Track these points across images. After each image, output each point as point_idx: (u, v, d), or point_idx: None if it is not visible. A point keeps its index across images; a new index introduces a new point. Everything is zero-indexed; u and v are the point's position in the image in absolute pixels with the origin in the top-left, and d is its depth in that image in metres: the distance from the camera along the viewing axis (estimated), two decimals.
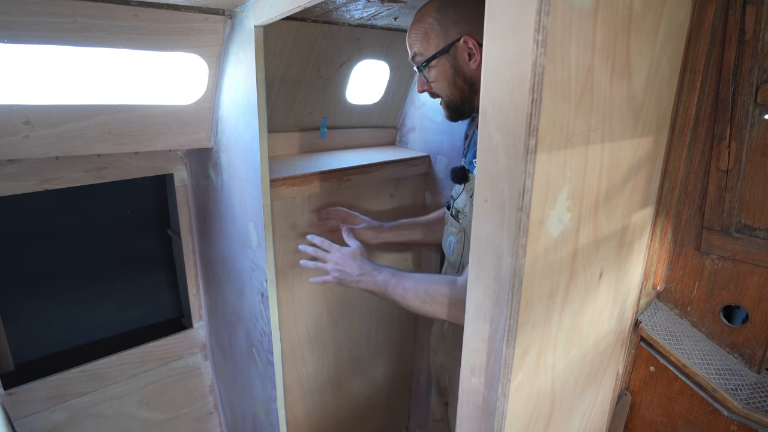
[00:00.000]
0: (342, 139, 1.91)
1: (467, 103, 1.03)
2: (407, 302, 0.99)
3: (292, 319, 1.61)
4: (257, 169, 1.15)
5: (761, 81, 0.93)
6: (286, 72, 1.51)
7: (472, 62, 0.97)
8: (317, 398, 1.78)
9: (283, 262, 1.51)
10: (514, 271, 0.57)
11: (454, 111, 1.05)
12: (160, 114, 1.31)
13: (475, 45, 0.95)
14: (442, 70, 1.00)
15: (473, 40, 0.95)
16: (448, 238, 1.17)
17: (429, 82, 1.04)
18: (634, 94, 0.75)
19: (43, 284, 1.60)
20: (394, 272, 1.04)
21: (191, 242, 1.77)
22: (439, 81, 1.02)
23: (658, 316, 1.14)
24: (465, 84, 1.00)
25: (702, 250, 1.07)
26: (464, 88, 1.01)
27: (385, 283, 1.03)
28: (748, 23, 0.92)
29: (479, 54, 0.95)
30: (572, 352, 0.82)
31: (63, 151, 1.21)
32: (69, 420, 1.53)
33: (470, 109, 1.05)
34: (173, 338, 1.77)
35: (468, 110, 1.06)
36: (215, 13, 1.15)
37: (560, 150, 0.58)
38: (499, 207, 0.57)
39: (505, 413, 0.64)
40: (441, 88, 1.03)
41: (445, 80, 1.01)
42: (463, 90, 1.01)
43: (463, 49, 0.97)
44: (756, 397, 0.98)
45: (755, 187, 0.98)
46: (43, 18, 0.95)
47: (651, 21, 0.73)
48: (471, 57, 0.97)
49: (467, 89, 1.01)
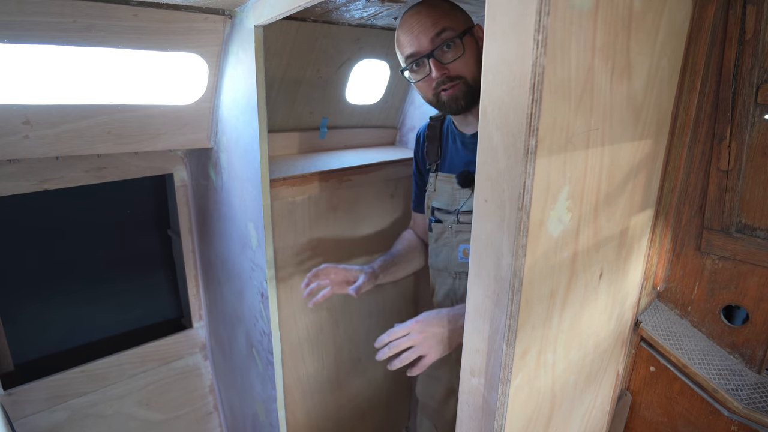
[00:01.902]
0: (342, 139, 1.91)
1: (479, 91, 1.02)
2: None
3: (292, 319, 1.61)
4: (257, 169, 1.15)
5: (761, 81, 0.93)
6: (286, 72, 1.51)
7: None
8: (317, 398, 1.78)
9: (283, 262, 1.51)
10: (514, 271, 0.57)
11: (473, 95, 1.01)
12: (160, 114, 1.31)
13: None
14: (470, 46, 0.99)
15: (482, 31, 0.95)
16: (459, 249, 1.14)
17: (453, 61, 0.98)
18: (634, 94, 0.75)
19: (43, 284, 1.60)
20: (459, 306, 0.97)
21: (191, 242, 1.77)
22: (467, 59, 0.98)
23: (659, 317, 1.14)
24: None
25: (702, 250, 1.07)
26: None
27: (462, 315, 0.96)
28: (748, 23, 0.91)
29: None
30: (572, 353, 0.82)
31: (63, 151, 1.21)
32: (69, 420, 1.53)
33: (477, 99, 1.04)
34: (173, 338, 1.77)
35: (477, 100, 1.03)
36: (215, 13, 1.15)
37: (560, 150, 0.58)
38: (499, 207, 0.57)
39: (505, 414, 0.64)
40: (470, 66, 0.99)
41: (474, 57, 0.99)
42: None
43: (479, 35, 1.00)
44: (756, 397, 0.98)
45: (755, 187, 0.98)
46: (43, 18, 0.95)
47: (651, 21, 0.73)
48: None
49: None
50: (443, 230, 1.17)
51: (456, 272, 1.17)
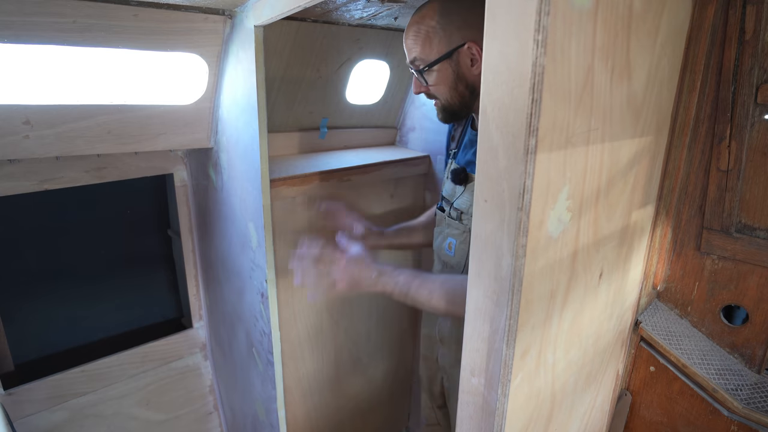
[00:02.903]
0: (342, 139, 1.91)
1: (465, 107, 1.02)
2: (432, 303, 0.95)
3: (292, 319, 1.61)
4: (257, 169, 1.15)
5: (761, 81, 0.93)
6: (286, 72, 1.51)
7: (474, 68, 0.96)
8: (317, 398, 1.78)
9: (283, 262, 1.51)
10: (514, 271, 0.57)
11: (450, 114, 1.04)
12: (159, 114, 1.31)
13: (479, 51, 0.93)
14: (444, 75, 0.98)
15: (477, 46, 0.93)
16: (446, 240, 1.15)
17: (428, 86, 1.01)
18: (634, 94, 0.75)
19: (43, 284, 1.60)
20: (415, 273, 0.99)
21: (191, 242, 1.77)
22: (439, 85, 0.99)
23: (658, 316, 1.14)
24: (466, 89, 0.99)
25: (702, 250, 1.07)
26: (465, 93, 0.99)
27: (407, 284, 0.98)
28: (748, 23, 0.92)
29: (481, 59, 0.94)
30: (572, 352, 0.82)
31: (63, 151, 1.21)
32: (69, 420, 1.53)
33: (467, 112, 1.04)
34: (173, 338, 1.77)
35: (465, 113, 1.05)
36: (215, 13, 1.15)
37: (560, 150, 0.58)
38: (499, 207, 0.57)
39: (505, 413, 0.64)
40: (441, 92, 1.01)
41: (446, 85, 0.99)
42: (464, 95, 1.00)
43: (466, 55, 0.95)
44: (756, 397, 0.98)
45: (755, 187, 0.98)
46: (43, 18, 0.95)
47: (651, 21, 0.73)
48: (473, 63, 0.95)
49: (468, 94, 0.99)
50: (441, 219, 1.18)
51: (443, 261, 1.18)
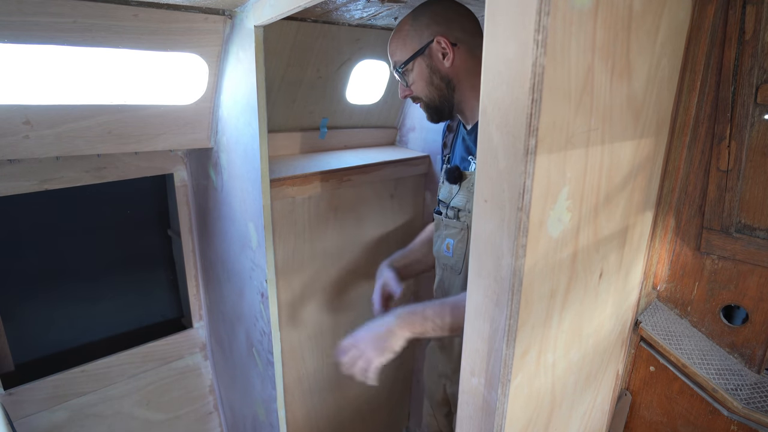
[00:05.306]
0: (342, 139, 1.91)
1: (446, 102, 1.08)
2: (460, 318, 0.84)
3: (292, 319, 1.61)
4: (257, 169, 1.15)
5: (761, 81, 0.93)
6: (286, 72, 1.51)
7: (446, 60, 1.03)
8: (317, 398, 1.78)
9: (283, 262, 1.51)
10: (514, 271, 0.57)
11: (435, 111, 1.09)
12: (160, 114, 1.31)
13: (448, 44, 1.00)
14: (419, 71, 1.05)
15: (445, 39, 1.00)
16: (444, 242, 1.15)
17: (409, 86, 1.08)
18: (634, 94, 0.75)
19: (43, 284, 1.60)
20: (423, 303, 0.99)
21: (191, 242, 1.77)
22: (417, 82, 1.06)
23: (658, 316, 1.14)
24: (442, 82, 1.05)
25: (702, 250, 1.07)
26: (441, 86, 1.05)
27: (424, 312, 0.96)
28: (748, 23, 0.92)
29: (452, 52, 1.01)
30: (572, 352, 0.82)
31: (63, 151, 1.21)
32: (69, 420, 1.53)
33: (450, 108, 1.09)
34: (173, 338, 1.77)
35: (448, 110, 1.09)
36: (215, 13, 1.15)
37: (560, 150, 0.58)
38: (499, 207, 0.57)
39: (505, 413, 0.64)
40: (420, 88, 1.07)
41: (423, 80, 1.05)
42: (441, 88, 1.06)
43: (437, 49, 1.02)
44: (756, 397, 0.98)
45: (755, 187, 0.98)
46: (43, 18, 0.95)
47: (651, 21, 0.73)
48: (445, 56, 1.02)
49: (444, 87, 1.06)
50: (439, 222, 1.19)
51: (443, 264, 1.19)
